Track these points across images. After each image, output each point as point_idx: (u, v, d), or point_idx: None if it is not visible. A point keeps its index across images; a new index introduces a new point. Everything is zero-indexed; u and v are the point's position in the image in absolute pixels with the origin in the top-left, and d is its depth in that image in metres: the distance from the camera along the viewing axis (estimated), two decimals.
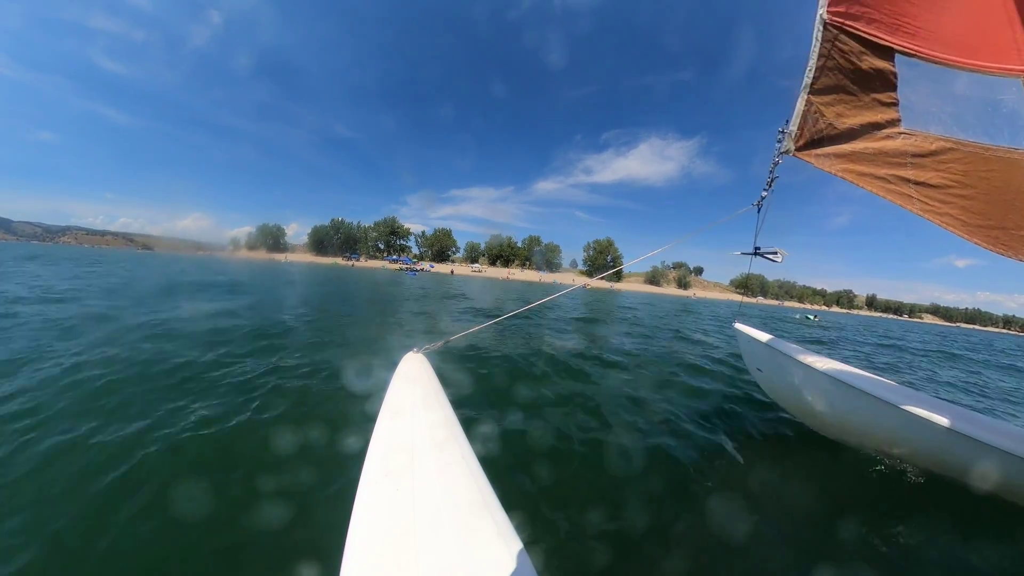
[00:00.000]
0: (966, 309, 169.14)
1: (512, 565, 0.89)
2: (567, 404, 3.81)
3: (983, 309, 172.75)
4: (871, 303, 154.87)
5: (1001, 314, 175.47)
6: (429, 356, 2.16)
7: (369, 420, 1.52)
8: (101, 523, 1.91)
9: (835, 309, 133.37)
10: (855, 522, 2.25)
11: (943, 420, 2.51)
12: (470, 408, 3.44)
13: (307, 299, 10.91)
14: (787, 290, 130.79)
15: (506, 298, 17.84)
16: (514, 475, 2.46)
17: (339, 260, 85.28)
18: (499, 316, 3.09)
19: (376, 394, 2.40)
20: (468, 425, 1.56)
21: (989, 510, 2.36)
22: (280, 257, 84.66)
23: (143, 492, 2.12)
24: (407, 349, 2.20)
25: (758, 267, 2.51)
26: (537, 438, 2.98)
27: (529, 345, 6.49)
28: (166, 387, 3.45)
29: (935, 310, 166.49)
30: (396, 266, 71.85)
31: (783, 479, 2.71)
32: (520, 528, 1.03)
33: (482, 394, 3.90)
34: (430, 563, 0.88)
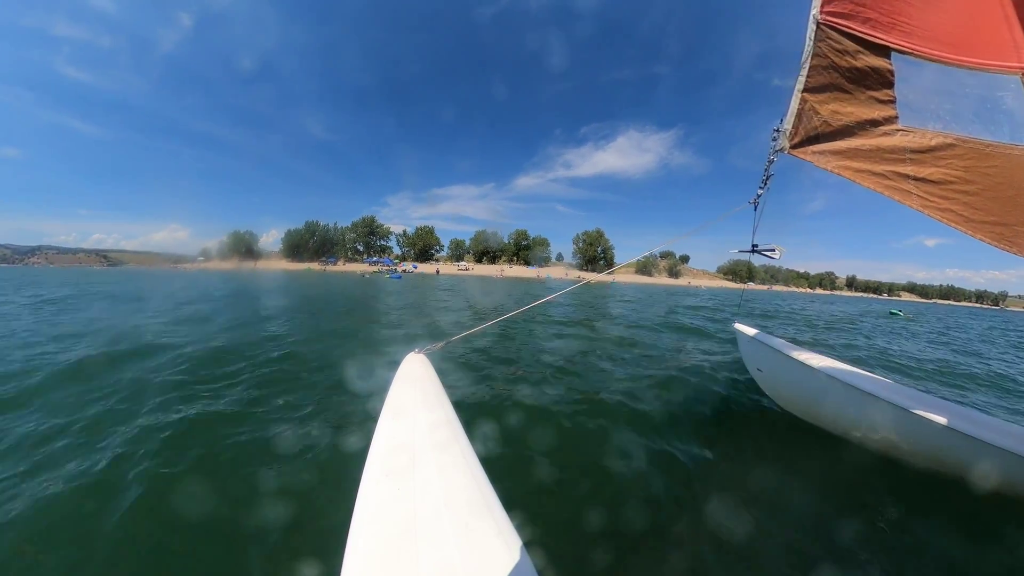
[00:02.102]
0: (940, 286, 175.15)
1: (512, 565, 0.89)
2: (570, 401, 3.74)
3: (955, 285, 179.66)
4: (851, 284, 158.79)
5: (973, 289, 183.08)
6: (430, 356, 2.15)
7: (370, 420, 1.50)
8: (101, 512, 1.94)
9: (819, 291, 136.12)
10: (855, 520, 2.24)
11: (943, 419, 2.50)
12: (471, 408, 3.41)
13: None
14: (772, 275, 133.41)
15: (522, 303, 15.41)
16: (515, 474, 2.44)
17: (313, 265, 79.59)
18: (500, 316, 3.07)
19: (377, 394, 2.38)
20: (469, 425, 1.55)
21: (990, 509, 2.33)
22: (248, 265, 79.33)
23: (141, 490, 2.14)
24: (409, 349, 2.20)
25: (746, 257, 2.52)
26: (539, 436, 2.94)
27: (533, 344, 6.37)
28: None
29: (911, 288, 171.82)
30: (374, 268, 61.04)
31: (783, 477, 2.67)
32: (520, 528, 1.03)
33: (483, 393, 3.83)
34: (431, 563, 0.88)
